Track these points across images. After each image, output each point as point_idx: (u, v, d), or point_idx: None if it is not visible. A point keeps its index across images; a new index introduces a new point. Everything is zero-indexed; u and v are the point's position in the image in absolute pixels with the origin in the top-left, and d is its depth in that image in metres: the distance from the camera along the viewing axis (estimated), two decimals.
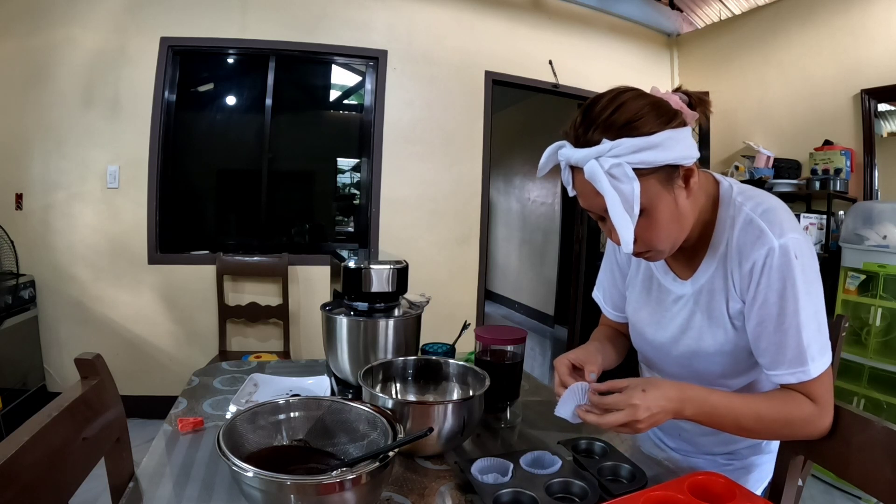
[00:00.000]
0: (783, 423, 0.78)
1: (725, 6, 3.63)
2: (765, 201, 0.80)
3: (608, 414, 0.74)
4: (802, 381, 0.77)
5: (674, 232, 0.79)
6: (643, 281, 0.97)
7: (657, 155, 0.72)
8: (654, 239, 0.79)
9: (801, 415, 0.77)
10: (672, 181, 0.76)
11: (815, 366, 0.76)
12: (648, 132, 0.72)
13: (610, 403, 0.75)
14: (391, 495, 0.81)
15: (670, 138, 0.73)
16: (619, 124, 0.72)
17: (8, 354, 2.52)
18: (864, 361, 2.37)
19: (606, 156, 0.72)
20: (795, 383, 0.77)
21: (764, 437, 0.79)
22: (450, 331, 1.61)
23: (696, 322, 0.87)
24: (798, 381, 0.77)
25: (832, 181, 2.71)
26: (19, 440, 0.65)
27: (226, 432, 0.73)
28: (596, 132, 0.73)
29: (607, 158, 0.72)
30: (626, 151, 0.71)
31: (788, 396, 0.78)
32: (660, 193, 0.75)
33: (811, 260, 0.77)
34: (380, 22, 3.15)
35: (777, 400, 0.78)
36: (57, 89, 2.75)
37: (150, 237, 2.88)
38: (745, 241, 0.79)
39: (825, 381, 0.78)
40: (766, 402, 0.78)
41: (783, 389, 0.80)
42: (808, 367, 0.76)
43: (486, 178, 3.39)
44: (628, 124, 0.72)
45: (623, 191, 0.72)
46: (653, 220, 0.77)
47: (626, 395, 0.74)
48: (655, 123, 0.73)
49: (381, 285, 1.23)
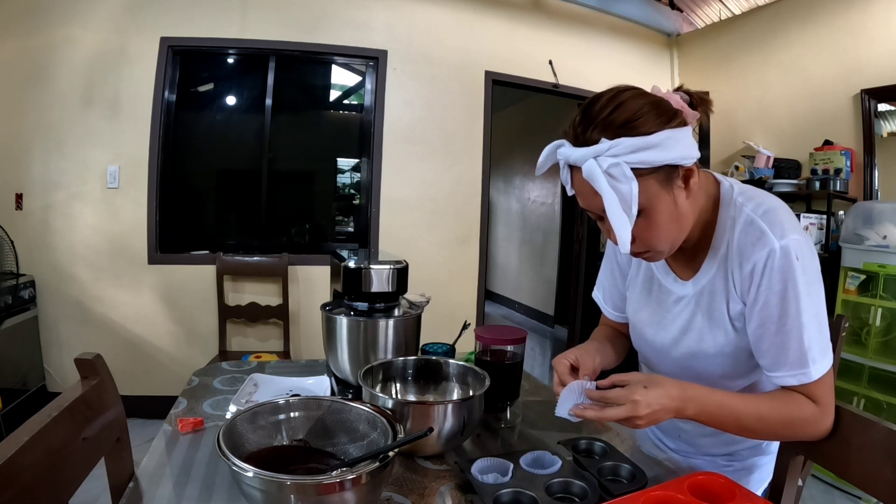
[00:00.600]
0: (785, 424, 0.77)
1: (725, 6, 3.63)
2: (766, 202, 0.80)
3: (608, 409, 0.75)
4: (804, 384, 0.77)
5: (673, 232, 0.79)
6: (644, 282, 0.96)
7: (656, 155, 0.72)
8: (653, 239, 0.78)
9: (803, 415, 0.77)
10: (671, 181, 0.75)
11: (817, 368, 0.76)
12: (647, 132, 0.72)
13: (611, 398, 0.75)
14: (391, 495, 0.81)
15: (670, 138, 0.72)
16: (617, 123, 0.72)
17: (8, 354, 2.52)
18: (864, 361, 2.37)
19: (605, 155, 0.71)
20: (797, 385, 0.77)
21: (765, 437, 0.79)
22: (450, 331, 1.61)
23: (697, 323, 0.87)
24: (799, 383, 0.77)
25: (832, 181, 2.71)
26: (19, 440, 0.65)
27: (226, 432, 0.73)
28: (595, 131, 0.73)
29: (605, 158, 0.71)
30: (625, 151, 0.71)
31: (790, 397, 0.78)
32: (659, 193, 0.75)
33: (812, 261, 0.77)
34: (380, 22, 3.15)
35: (779, 400, 0.78)
36: (57, 89, 2.75)
37: (150, 237, 2.88)
38: (745, 242, 0.79)
39: (826, 383, 0.77)
40: (767, 402, 0.78)
41: (785, 390, 0.79)
42: (810, 368, 0.76)
43: (486, 178, 3.39)
44: (627, 123, 0.72)
45: (621, 191, 0.71)
46: (651, 221, 0.76)
47: (628, 390, 0.74)
48: (655, 123, 0.72)
49: (381, 285, 1.23)
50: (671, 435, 1.06)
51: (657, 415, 0.73)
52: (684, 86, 0.82)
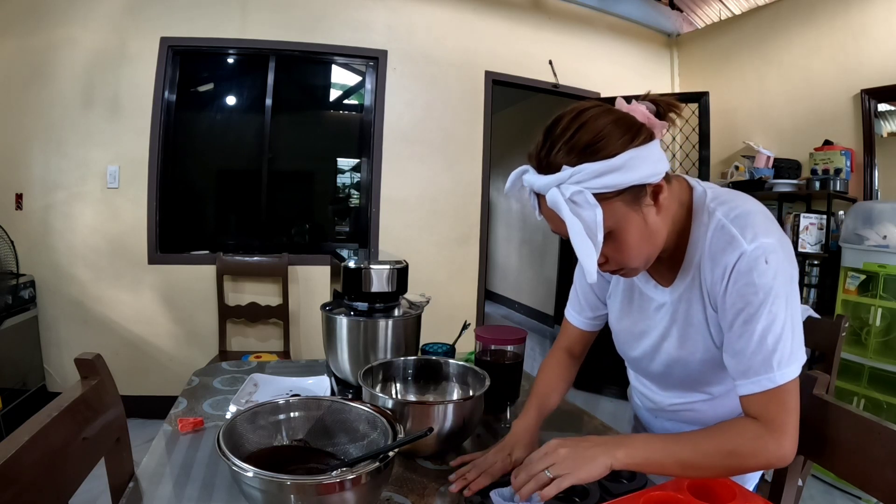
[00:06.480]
0: (727, 454, 0.72)
1: (725, 6, 3.63)
2: (739, 206, 0.78)
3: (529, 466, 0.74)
4: (767, 390, 0.73)
5: (645, 250, 0.77)
6: (625, 290, 0.95)
7: (621, 177, 0.69)
8: (626, 259, 0.77)
9: (743, 441, 0.72)
10: (639, 200, 0.73)
11: (783, 373, 0.72)
12: (611, 154, 0.69)
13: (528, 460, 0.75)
14: (391, 495, 0.81)
15: (635, 157, 0.70)
16: (580, 147, 0.70)
17: (8, 354, 2.52)
18: (864, 361, 2.37)
19: (567, 183, 0.70)
20: (759, 392, 0.74)
21: (711, 472, 0.73)
22: (450, 331, 1.61)
23: (676, 330, 0.86)
24: (762, 390, 0.73)
25: (832, 181, 2.71)
26: (19, 440, 0.65)
27: (226, 432, 0.73)
28: (558, 155, 0.71)
29: (568, 185, 0.69)
30: (588, 177, 0.69)
31: (731, 423, 0.75)
32: (627, 215, 0.73)
33: (786, 265, 0.74)
34: (380, 22, 3.15)
35: (716, 428, 0.75)
36: (57, 89, 2.75)
37: (150, 237, 2.88)
38: (717, 247, 0.77)
39: (784, 402, 0.73)
40: (704, 432, 0.75)
41: (730, 420, 0.77)
42: (775, 373, 0.72)
43: (486, 178, 3.39)
44: (589, 147, 0.70)
45: (585, 218, 0.69)
46: (621, 242, 0.75)
47: (542, 447, 0.76)
48: (619, 143, 0.70)
49: (381, 285, 1.23)
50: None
51: (585, 452, 0.72)
52: (651, 93, 0.80)
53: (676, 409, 0.97)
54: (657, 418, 1.04)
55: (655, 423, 1.05)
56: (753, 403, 0.75)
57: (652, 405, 1.03)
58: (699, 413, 0.94)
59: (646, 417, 1.08)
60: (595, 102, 0.75)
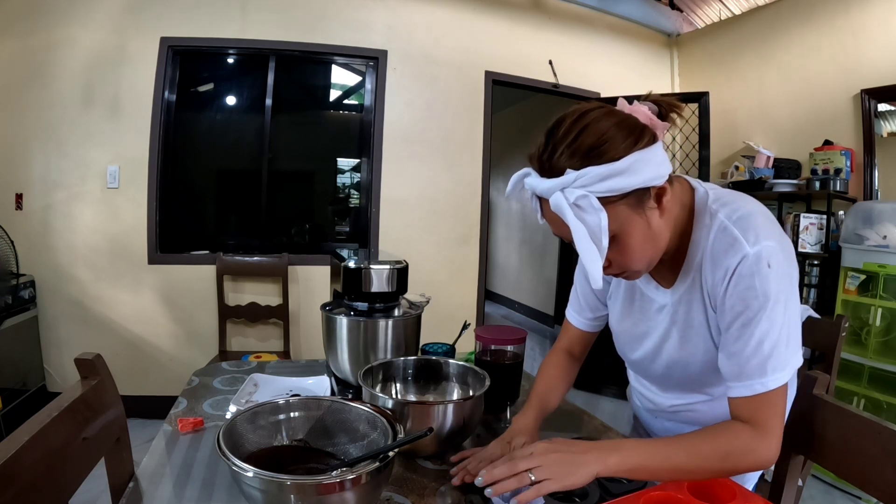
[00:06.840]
0: (722, 457, 0.73)
1: (725, 6, 3.63)
2: (741, 207, 0.78)
3: (512, 463, 0.73)
4: (758, 394, 0.73)
5: (648, 253, 0.77)
6: (626, 291, 0.95)
7: (625, 181, 0.69)
8: (629, 262, 0.77)
9: (739, 443, 0.73)
10: (643, 203, 0.73)
11: (776, 377, 0.73)
12: (615, 157, 0.69)
13: (512, 454, 0.76)
14: (391, 495, 0.81)
15: (639, 161, 0.69)
16: (583, 150, 0.69)
17: (8, 354, 2.52)
18: (864, 361, 2.37)
19: (571, 187, 0.69)
20: (751, 395, 0.74)
21: (704, 474, 0.73)
22: (450, 331, 1.61)
23: (677, 331, 0.86)
24: (754, 394, 0.74)
25: (832, 181, 2.71)
26: (19, 440, 0.65)
27: (226, 432, 0.73)
28: (561, 158, 0.70)
29: (573, 190, 0.69)
30: (592, 181, 0.68)
31: (723, 426, 0.76)
32: (630, 218, 0.72)
33: (787, 269, 0.74)
34: (380, 22, 3.15)
35: (710, 431, 0.76)
36: (57, 89, 2.75)
37: (150, 237, 2.88)
38: (718, 249, 0.77)
39: (774, 405, 0.74)
40: (697, 435, 0.76)
41: (720, 423, 0.77)
42: (768, 378, 0.73)
43: (486, 178, 3.39)
44: (593, 150, 0.69)
45: (589, 222, 0.69)
46: (625, 245, 0.75)
47: (533, 445, 0.76)
48: (622, 146, 0.69)
49: (381, 285, 1.23)
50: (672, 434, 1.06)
51: (570, 458, 0.72)
52: (652, 93, 0.79)
53: (676, 409, 0.97)
54: (657, 419, 1.04)
55: (655, 424, 1.05)
56: (744, 406, 0.75)
57: (652, 406, 1.03)
58: (699, 413, 0.94)
59: (645, 418, 1.08)
60: (597, 104, 0.74)
